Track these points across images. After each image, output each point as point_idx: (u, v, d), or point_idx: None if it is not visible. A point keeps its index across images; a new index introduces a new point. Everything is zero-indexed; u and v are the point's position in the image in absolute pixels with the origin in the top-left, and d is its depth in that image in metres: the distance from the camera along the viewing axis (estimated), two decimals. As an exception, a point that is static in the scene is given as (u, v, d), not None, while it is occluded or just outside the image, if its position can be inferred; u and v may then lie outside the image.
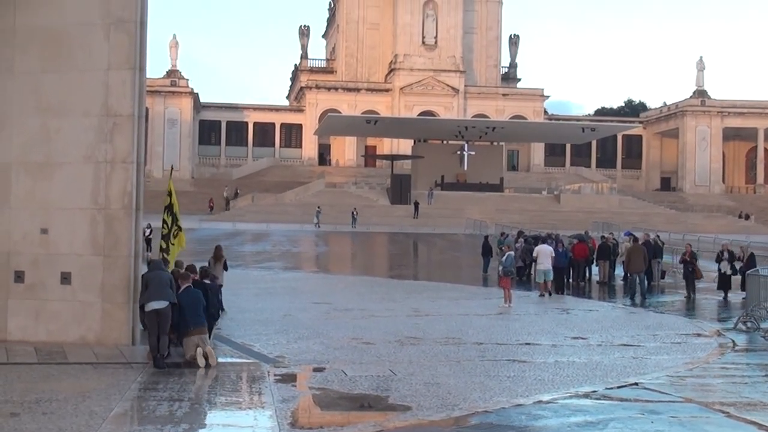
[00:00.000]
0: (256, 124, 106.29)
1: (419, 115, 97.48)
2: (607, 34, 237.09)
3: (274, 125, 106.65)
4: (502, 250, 25.54)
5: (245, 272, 29.37)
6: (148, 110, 58.92)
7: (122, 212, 14.40)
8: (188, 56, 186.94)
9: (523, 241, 30.93)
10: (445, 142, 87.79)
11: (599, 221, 61.58)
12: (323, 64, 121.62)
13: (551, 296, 24.33)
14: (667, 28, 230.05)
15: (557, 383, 12.74)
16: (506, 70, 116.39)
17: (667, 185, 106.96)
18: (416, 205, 72.38)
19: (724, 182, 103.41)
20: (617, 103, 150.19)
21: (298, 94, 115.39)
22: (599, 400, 11.80)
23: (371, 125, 79.88)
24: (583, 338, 17.15)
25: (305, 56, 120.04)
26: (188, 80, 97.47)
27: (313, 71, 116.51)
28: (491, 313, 20.95)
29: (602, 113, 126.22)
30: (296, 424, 10.49)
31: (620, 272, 29.43)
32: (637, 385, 12.73)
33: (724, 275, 26.01)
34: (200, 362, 13.08)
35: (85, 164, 14.50)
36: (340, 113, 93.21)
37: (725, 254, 26.48)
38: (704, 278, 26.57)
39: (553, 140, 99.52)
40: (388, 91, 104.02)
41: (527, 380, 12.89)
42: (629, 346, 16.38)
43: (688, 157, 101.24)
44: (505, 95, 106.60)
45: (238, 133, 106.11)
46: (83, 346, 14.04)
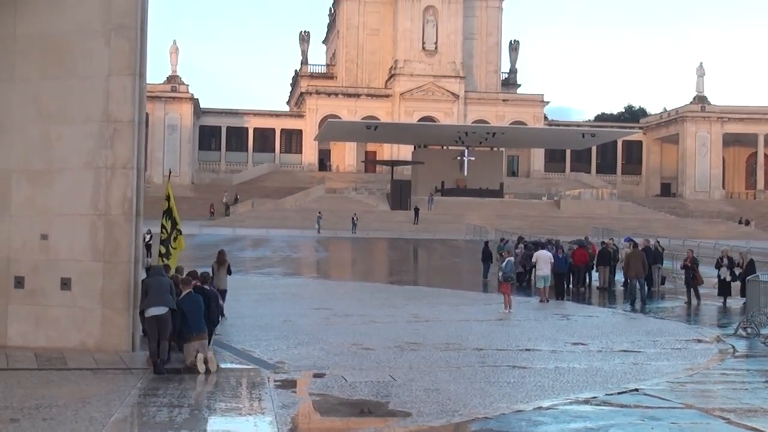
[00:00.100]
0: (256, 129, 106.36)
1: (419, 120, 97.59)
2: (607, 40, 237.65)
3: (274, 131, 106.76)
4: (502, 255, 25.52)
5: (245, 278, 29.35)
6: (148, 116, 59.22)
7: (122, 218, 14.41)
8: (188, 62, 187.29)
9: (523, 246, 30.93)
10: (445, 147, 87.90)
11: (599, 227, 61.61)
12: (323, 69, 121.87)
13: (548, 302, 24.37)
14: (667, 34, 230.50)
15: (557, 389, 12.74)
16: (506, 75, 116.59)
17: (667, 191, 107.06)
18: (416, 210, 72.36)
19: (724, 188, 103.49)
20: (617, 108, 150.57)
21: (298, 99, 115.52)
22: (599, 406, 11.80)
23: (371, 131, 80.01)
24: (583, 344, 17.14)
25: (305, 62, 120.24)
26: (188, 86, 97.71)
27: (313, 77, 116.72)
28: (491, 318, 20.96)
29: (602, 119, 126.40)
30: (296, 430, 10.51)
31: (620, 278, 29.42)
32: (637, 391, 12.73)
33: (723, 281, 26.05)
34: (200, 368, 13.08)
35: (85, 170, 14.51)
36: (340, 119, 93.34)
37: (725, 260, 26.50)
38: (704, 284, 26.56)
39: (553, 146, 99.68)
40: (388, 96, 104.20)
41: (527, 386, 12.89)
42: (629, 352, 16.38)
43: (688, 162, 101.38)
44: (505, 101, 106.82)
45: (238, 138, 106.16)
46: (83, 351, 14.05)
